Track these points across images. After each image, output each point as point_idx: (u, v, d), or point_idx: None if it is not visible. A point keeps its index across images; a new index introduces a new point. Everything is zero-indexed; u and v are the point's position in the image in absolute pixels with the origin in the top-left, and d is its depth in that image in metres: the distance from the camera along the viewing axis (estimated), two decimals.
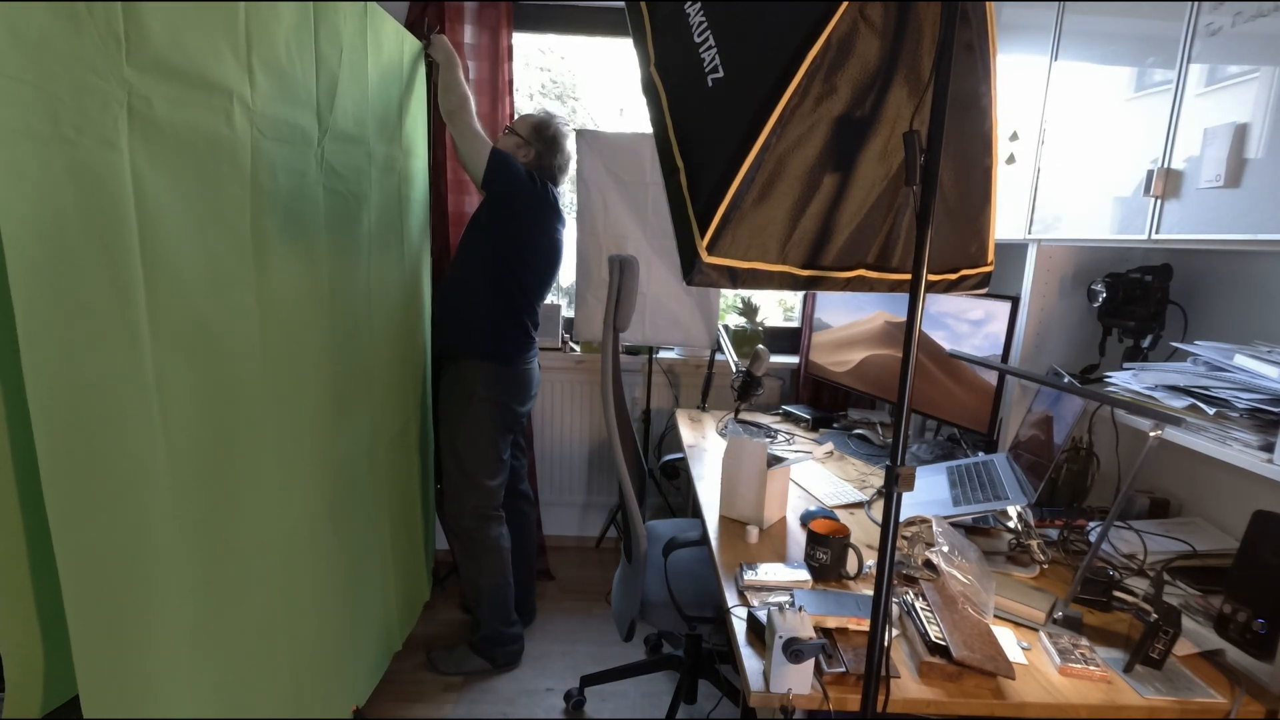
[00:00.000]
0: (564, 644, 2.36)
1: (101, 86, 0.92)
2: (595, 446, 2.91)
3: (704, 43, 1.03)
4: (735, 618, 1.22)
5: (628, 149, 2.45)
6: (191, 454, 1.14)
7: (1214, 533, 1.51)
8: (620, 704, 2.09)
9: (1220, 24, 1.22)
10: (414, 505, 2.26)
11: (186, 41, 1.06)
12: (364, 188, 1.77)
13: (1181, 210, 1.29)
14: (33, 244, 0.84)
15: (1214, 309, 1.61)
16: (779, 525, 1.62)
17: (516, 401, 2.13)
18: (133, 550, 1.01)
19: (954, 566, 1.26)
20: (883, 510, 0.92)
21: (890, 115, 1.01)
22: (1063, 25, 1.65)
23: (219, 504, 1.21)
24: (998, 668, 1.06)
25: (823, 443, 2.21)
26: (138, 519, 1.02)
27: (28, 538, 1.03)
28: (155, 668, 1.06)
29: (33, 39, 0.82)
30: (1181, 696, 1.07)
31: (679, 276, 1.92)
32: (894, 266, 1.13)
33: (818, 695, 1.04)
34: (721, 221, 0.95)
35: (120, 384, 0.98)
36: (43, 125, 0.84)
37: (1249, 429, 1.19)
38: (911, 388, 0.90)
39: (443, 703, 2.05)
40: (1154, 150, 1.34)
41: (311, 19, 1.44)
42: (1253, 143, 1.15)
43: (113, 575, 0.98)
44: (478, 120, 2.01)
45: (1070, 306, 1.79)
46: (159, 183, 1.03)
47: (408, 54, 2.02)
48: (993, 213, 1.20)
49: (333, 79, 1.55)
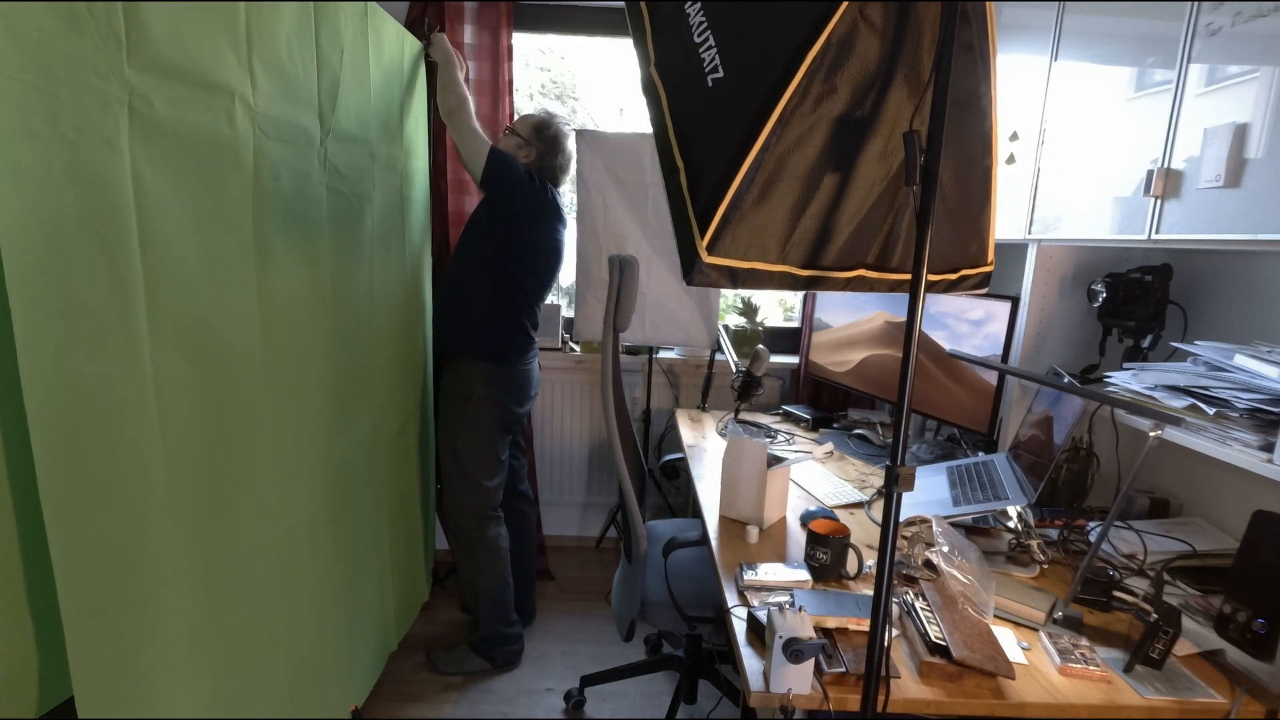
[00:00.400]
0: (564, 644, 2.36)
1: (102, 87, 0.92)
2: (595, 446, 2.91)
3: (704, 43, 1.04)
4: (735, 618, 1.22)
5: (628, 149, 2.45)
6: (190, 454, 1.13)
7: (1214, 533, 1.51)
8: (620, 704, 2.09)
9: (1220, 24, 1.22)
10: (413, 505, 2.26)
11: (187, 41, 1.06)
12: (366, 188, 1.77)
13: (1181, 210, 1.29)
14: (32, 244, 0.84)
15: (1214, 309, 1.61)
16: (779, 525, 1.62)
17: (515, 402, 2.13)
18: (129, 550, 1.01)
19: (954, 566, 1.26)
20: (883, 510, 0.92)
21: (890, 115, 1.01)
22: (1063, 25, 1.65)
23: (217, 504, 1.21)
24: (998, 668, 1.06)
25: (823, 443, 2.21)
26: (135, 519, 1.02)
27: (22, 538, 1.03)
28: (151, 668, 1.06)
29: (33, 39, 0.82)
30: (1181, 696, 1.07)
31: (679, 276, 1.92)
32: (894, 266, 1.14)
33: (818, 695, 1.04)
34: (721, 221, 0.95)
35: (119, 384, 0.98)
36: (43, 125, 0.84)
37: (1249, 429, 1.19)
38: (911, 388, 0.90)
39: (443, 703, 2.05)
40: (1154, 150, 1.34)
41: (312, 19, 1.44)
42: (1253, 143, 1.15)
43: (109, 575, 0.98)
44: (477, 120, 2.01)
45: (1070, 306, 1.79)
46: (160, 183, 1.03)
47: (409, 54, 2.02)
48: (993, 213, 1.20)
49: (334, 79, 1.55)
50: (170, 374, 1.08)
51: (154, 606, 1.06)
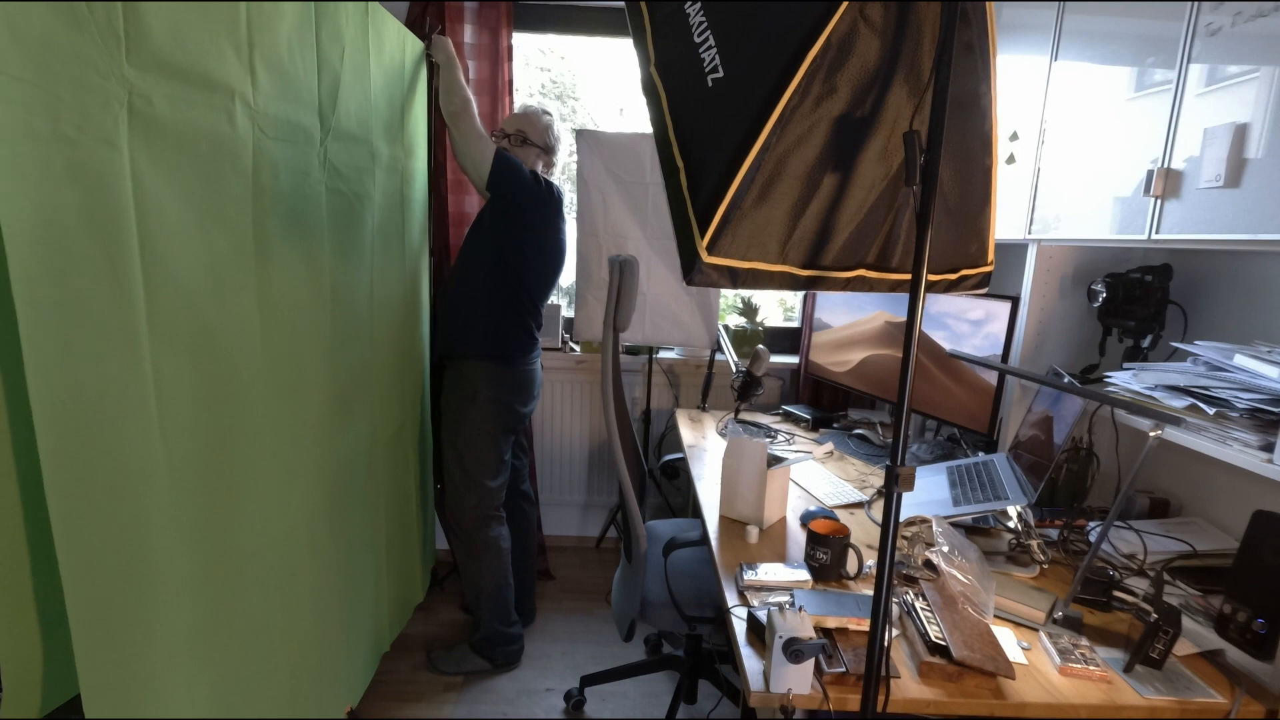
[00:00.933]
0: (564, 644, 2.36)
1: (102, 85, 0.92)
2: (595, 446, 2.91)
3: (704, 43, 1.04)
4: (735, 618, 1.22)
5: (628, 149, 2.45)
6: (191, 454, 1.13)
7: (1214, 533, 1.51)
8: (620, 704, 2.09)
9: (1220, 24, 1.22)
10: (412, 506, 2.26)
11: (187, 40, 1.06)
12: (366, 187, 1.77)
13: (1181, 210, 1.29)
14: (33, 243, 0.84)
15: (1214, 309, 1.61)
16: (779, 525, 1.62)
17: (519, 402, 2.13)
18: (133, 550, 1.01)
19: (954, 566, 1.26)
20: (883, 510, 0.92)
21: (890, 115, 1.01)
22: (1063, 25, 1.65)
23: (218, 504, 1.21)
24: (998, 668, 1.06)
25: (823, 443, 2.21)
26: (138, 519, 1.02)
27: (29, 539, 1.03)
28: (155, 668, 1.06)
29: (33, 38, 0.82)
30: (1181, 696, 1.07)
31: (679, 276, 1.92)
32: (894, 266, 1.14)
33: (818, 695, 1.04)
34: (721, 221, 0.95)
35: (120, 384, 0.98)
36: (43, 124, 0.84)
37: (1249, 429, 1.19)
38: (911, 388, 0.90)
39: (442, 703, 2.05)
40: (1154, 150, 1.34)
41: (313, 18, 1.44)
42: (1253, 143, 1.15)
43: (114, 575, 0.98)
44: (480, 122, 2.01)
45: (1070, 306, 1.79)
46: (160, 182, 1.03)
47: (409, 54, 2.02)
48: (993, 213, 1.20)
49: (335, 78, 1.55)
50: (170, 373, 1.07)
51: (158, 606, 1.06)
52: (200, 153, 1.11)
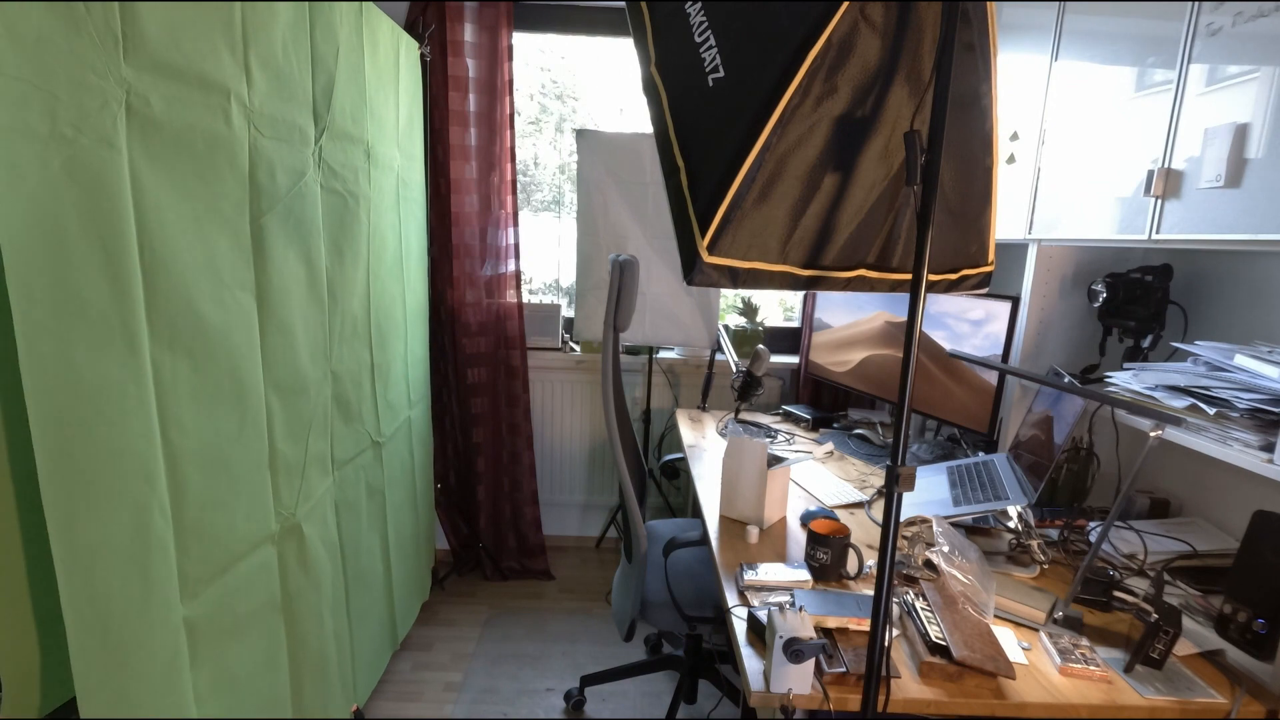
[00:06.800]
0: (564, 644, 2.35)
1: (100, 85, 0.91)
2: (595, 446, 2.90)
3: (704, 42, 1.03)
4: (735, 618, 1.22)
5: (628, 149, 2.45)
6: (190, 453, 1.13)
7: (1214, 533, 1.51)
8: (620, 704, 2.09)
9: (1220, 24, 1.22)
10: (413, 505, 2.26)
11: (184, 40, 1.06)
12: (362, 187, 1.77)
13: (1182, 210, 1.29)
14: (31, 243, 0.84)
15: (1214, 309, 1.60)
16: (779, 525, 1.62)
17: None
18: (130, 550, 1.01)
19: (954, 566, 1.26)
20: (883, 510, 0.91)
21: (891, 115, 1.01)
22: (1063, 25, 1.64)
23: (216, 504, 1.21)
24: (998, 668, 1.06)
25: (823, 443, 2.21)
26: (136, 519, 1.01)
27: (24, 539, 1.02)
28: (153, 668, 1.05)
29: (31, 38, 0.82)
30: (1182, 696, 1.07)
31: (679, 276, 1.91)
32: (894, 266, 1.13)
33: (818, 695, 1.04)
34: (722, 221, 0.95)
35: (118, 382, 0.97)
36: (41, 124, 0.84)
37: (1249, 429, 1.19)
38: (912, 388, 0.89)
39: (442, 703, 2.05)
40: (1154, 150, 1.34)
41: (307, 18, 1.44)
42: (1253, 143, 1.15)
43: (110, 575, 0.97)
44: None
45: (1070, 306, 1.79)
46: (157, 181, 1.03)
47: (405, 53, 2.01)
48: (993, 213, 1.19)
49: (329, 78, 1.54)
50: (168, 372, 1.07)
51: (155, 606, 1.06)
52: (197, 152, 1.11)
